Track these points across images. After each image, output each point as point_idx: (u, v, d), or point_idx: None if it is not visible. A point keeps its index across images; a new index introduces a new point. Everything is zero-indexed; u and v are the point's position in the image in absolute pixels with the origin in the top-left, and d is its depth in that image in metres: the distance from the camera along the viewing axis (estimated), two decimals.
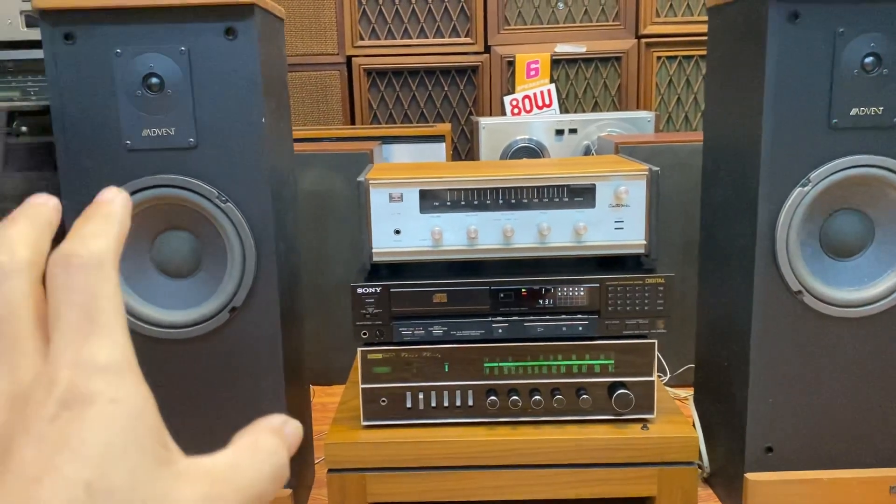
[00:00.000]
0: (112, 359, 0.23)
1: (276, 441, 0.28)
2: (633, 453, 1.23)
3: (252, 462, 0.27)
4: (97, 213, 0.26)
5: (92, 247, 0.24)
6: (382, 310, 1.24)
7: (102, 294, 0.24)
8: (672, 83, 2.44)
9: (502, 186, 1.27)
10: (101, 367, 0.23)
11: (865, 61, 1.12)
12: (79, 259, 0.24)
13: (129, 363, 0.24)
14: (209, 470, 0.26)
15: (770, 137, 1.14)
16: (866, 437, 1.23)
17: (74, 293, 0.23)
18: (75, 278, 0.23)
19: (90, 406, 0.22)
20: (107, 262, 0.24)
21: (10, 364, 0.24)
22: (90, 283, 0.24)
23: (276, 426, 0.29)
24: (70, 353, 0.23)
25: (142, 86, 1.12)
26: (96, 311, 0.23)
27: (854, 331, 1.20)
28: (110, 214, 0.26)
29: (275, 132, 1.21)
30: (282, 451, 0.28)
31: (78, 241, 0.24)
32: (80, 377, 0.22)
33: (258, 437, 0.28)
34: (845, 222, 1.19)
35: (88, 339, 0.23)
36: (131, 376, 0.23)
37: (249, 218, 1.15)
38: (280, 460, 0.28)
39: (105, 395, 0.22)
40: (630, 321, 1.24)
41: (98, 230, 0.25)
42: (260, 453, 0.27)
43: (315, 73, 2.50)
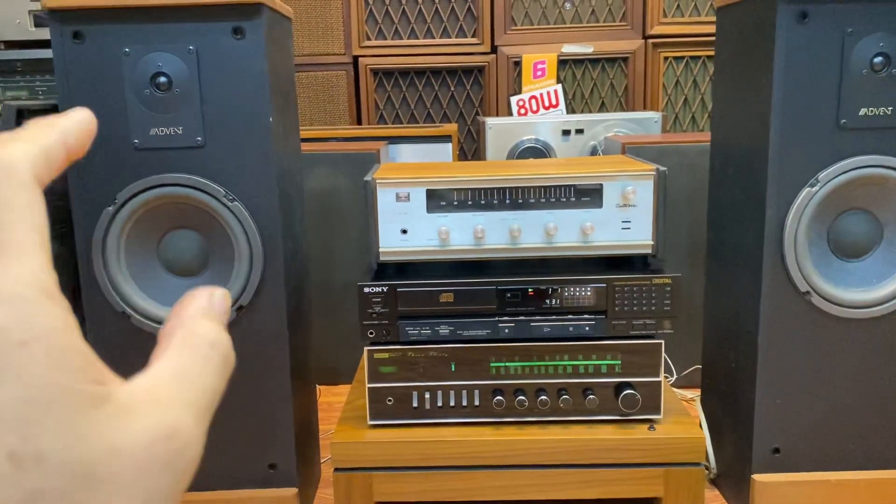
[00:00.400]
0: (18, 286, 0.19)
1: (214, 325, 0.24)
2: (639, 454, 1.23)
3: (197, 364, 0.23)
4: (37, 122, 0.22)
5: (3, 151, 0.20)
6: (389, 309, 1.24)
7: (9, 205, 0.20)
8: (679, 84, 2.43)
9: (509, 186, 1.27)
10: (6, 297, 0.19)
11: (874, 61, 1.12)
12: None
13: (44, 289, 0.19)
14: (152, 390, 0.22)
15: (778, 137, 1.14)
16: (875, 438, 1.23)
17: None
18: None
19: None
20: (21, 168, 0.20)
21: None
22: None
23: (205, 306, 0.24)
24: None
25: (150, 85, 1.12)
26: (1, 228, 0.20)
27: (863, 332, 1.19)
28: (52, 123, 0.23)
29: (282, 131, 1.21)
30: (223, 336, 0.24)
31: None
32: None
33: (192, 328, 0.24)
34: (854, 223, 1.18)
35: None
36: (45, 304, 0.19)
37: (257, 217, 1.15)
38: (224, 348, 0.24)
39: (13, 337, 0.18)
40: (637, 321, 1.24)
41: (25, 135, 0.22)
42: (202, 350, 0.23)
43: (322, 73, 2.50)
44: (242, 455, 1.23)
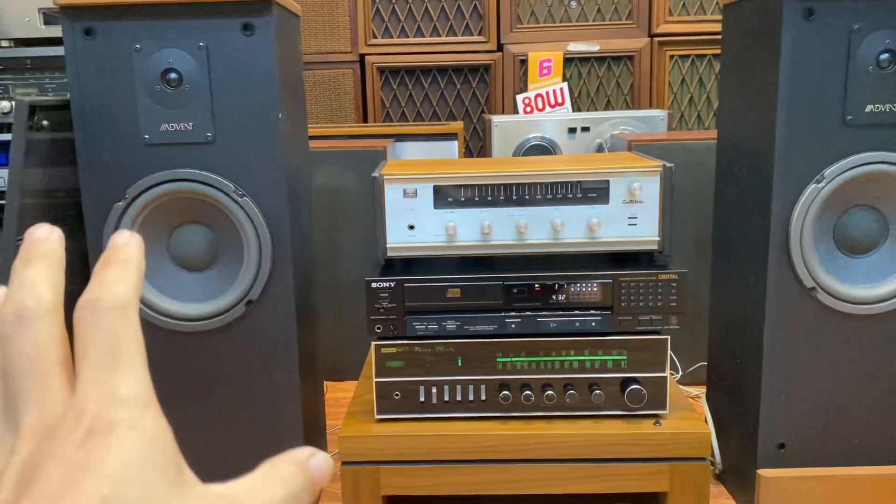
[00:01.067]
0: (133, 392, 0.25)
1: (294, 470, 0.28)
2: (645, 449, 1.23)
3: (265, 489, 0.27)
4: (116, 259, 0.27)
5: (115, 291, 0.26)
6: (396, 304, 1.25)
7: (125, 335, 0.26)
8: (685, 82, 2.44)
9: (516, 182, 1.27)
10: (123, 398, 0.25)
11: (881, 58, 1.12)
12: (104, 303, 0.26)
13: (149, 397, 0.25)
14: (221, 494, 0.26)
15: (784, 134, 1.14)
16: (880, 434, 1.23)
17: (100, 334, 0.25)
18: (101, 320, 0.26)
19: (112, 432, 0.24)
20: (129, 306, 0.26)
21: (39, 401, 0.25)
22: (114, 324, 0.26)
23: (301, 458, 0.29)
24: (96, 388, 0.25)
25: (160, 81, 1.13)
26: (119, 350, 0.25)
27: (868, 328, 1.20)
28: (129, 259, 0.28)
29: (291, 128, 1.22)
30: (298, 480, 0.28)
31: (102, 287, 0.26)
32: (104, 408, 0.24)
33: (277, 465, 0.28)
34: (859, 219, 1.19)
35: (112, 374, 0.25)
36: (150, 408, 0.25)
37: (265, 212, 1.16)
38: (295, 489, 0.28)
39: (125, 423, 0.24)
40: (643, 317, 1.25)
41: (119, 276, 0.27)
42: (275, 480, 0.28)
43: (328, 72, 2.51)
44: (250, 448, 1.24)
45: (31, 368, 0.26)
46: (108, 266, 0.27)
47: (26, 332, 0.26)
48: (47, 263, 0.28)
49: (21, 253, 0.28)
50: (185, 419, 1.23)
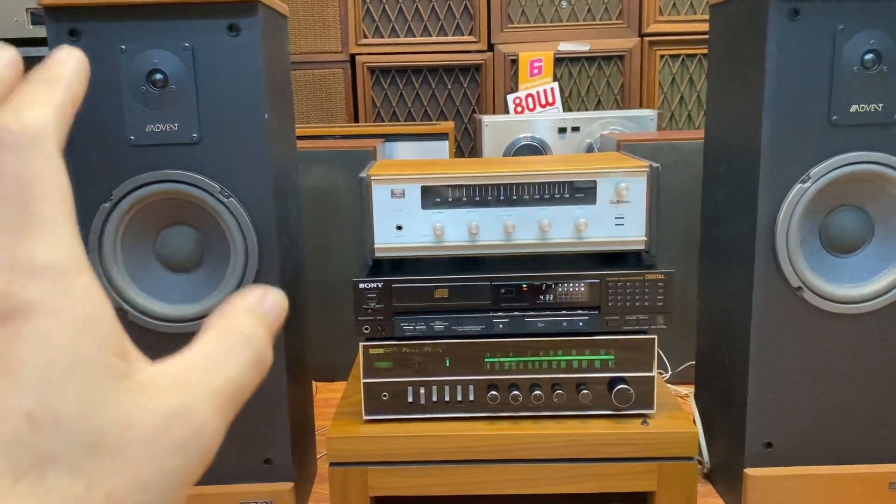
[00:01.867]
0: (52, 258, 0.19)
1: (253, 321, 0.24)
2: (633, 448, 1.24)
3: (226, 355, 0.23)
4: (41, 77, 0.21)
5: (27, 118, 0.20)
6: (384, 305, 1.25)
7: (40, 178, 0.19)
8: (675, 81, 2.44)
9: (503, 183, 1.28)
10: (39, 268, 0.19)
11: (865, 58, 1.13)
12: (10, 135, 0.19)
13: (75, 262, 0.20)
14: (176, 375, 0.22)
15: (770, 134, 1.15)
16: (866, 432, 1.24)
17: (4, 178, 0.19)
18: (5, 160, 0.19)
19: (29, 318, 0.18)
20: (45, 137, 0.20)
21: None
22: (23, 164, 0.19)
23: (253, 304, 0.24)
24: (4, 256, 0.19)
25: (146, 82, 1.13)
26: (31, 200, 0.19)
27: (854, 327, 1.20)
28: (56, 77, 0.21)
29: (277, 128, 1.22)
30: (260, 333, 0.24)
31: (10, 112, 0.20)
32: (14, 284, 0.19)
33: (232, 321, 0.23)
34: (845, 219, 1.19)
35: (22, 234, 0.19)
36: (78, 278, 0.20)
37: (252, 213, 1.16)
38: (259, 345, 0.23)
39: (44, 305, 0.19)
40: (630, 317, 1.25)
41: (39, 96, 0.21)
42: (234, 341, 0.23)
43: (319, 71, 2.50)
44: (239, 450, 1.24)
45: None
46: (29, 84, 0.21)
47: None
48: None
49: None
50: None
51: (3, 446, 0.18)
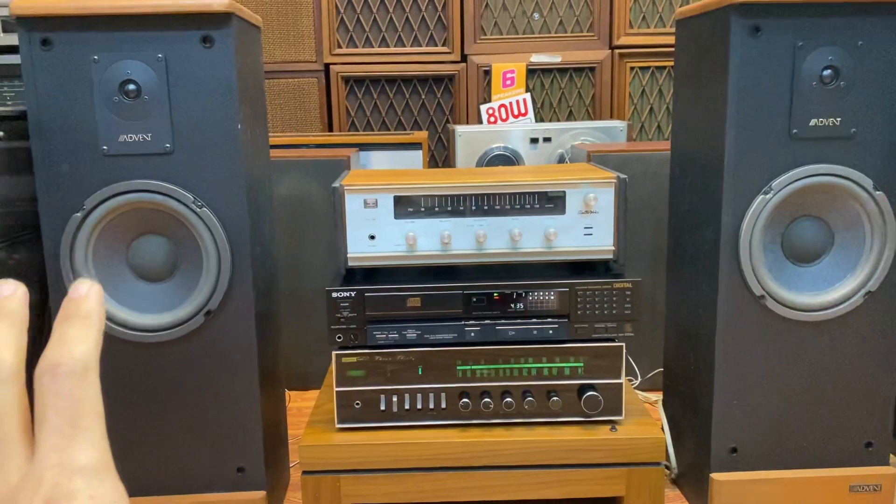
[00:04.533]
0: (92, 460, 0.25)
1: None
2: (601, 454, 1.26)
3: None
4: (77, 314, 0.27)
5: (76, 353, 0.26)
6: (357, 314, 1.26)
7: (85, 399, 0.26)
8: (645, 93, 2.48)
9: (475, 193, 1.30)
10: (82, 467, 0.25)
11: (823, 74, 1.16)
12: (65, 367, 0.26)
13: (107, 464, 0.26)
14: None
15: (733, 147, 1.18)
16: (827, 437, 1.27)
17: (60, 399, 0.26)
18: (62, 386, 0.26)
19: (72, 502, 0.24)
20: (90, 368, 0.26)
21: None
22: (75, 389, 0.26)
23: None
24: (55, 456, 0.25)
25: (119, 92, 1.13)
26: (79, 416, 0.26)
27: (815, 334, 1.24)
28: (89, 315, 0.28)
29: (251, 138, 1.23)
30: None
31: (63, 347, 0.26)
32: (63, 477, 0.25)
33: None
34: (806, 229, 1.23)
35: (71, 442, 0.25)
36: (108, 475, 0.26)
37: (225, 222, 1.16)
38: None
39: (85, 493, 0.25)
40: (599, 325, 1.27)
41: (80, 334, 0.27)
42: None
43: (293, 81, 2.51)
44: (211, 459, 1.24)
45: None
46: (68, 322, 0.27)
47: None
48: (10, 323, 0.27)
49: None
50: (145, 430, 1.22)
51: None
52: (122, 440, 1.22)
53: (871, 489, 1.27)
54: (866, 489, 1.27)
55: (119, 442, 1.25)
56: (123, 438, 1.22)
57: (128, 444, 1.22)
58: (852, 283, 1.22)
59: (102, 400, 0.27)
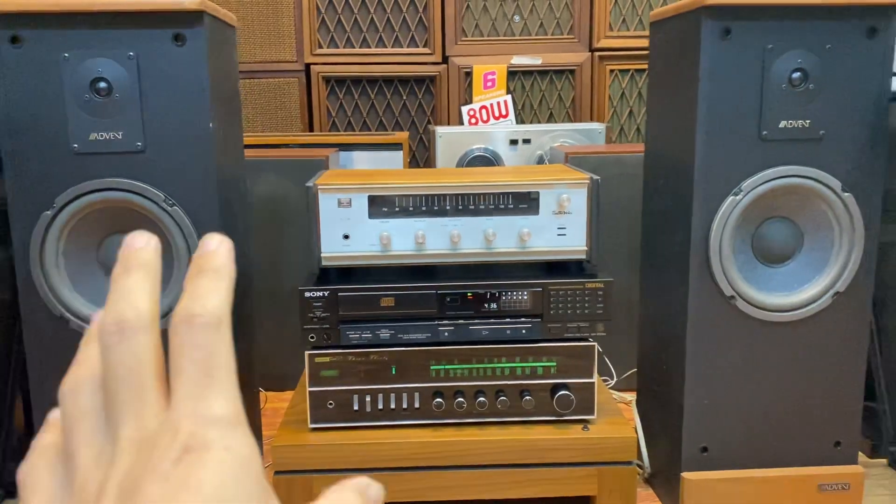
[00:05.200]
0: (226, 411, 0.26)
1: (356, 498, 0.29)
2: (573, 453, 1.26)
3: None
4: (209, 266, 0.28)
5: (210, 306, 0.27)
6: (330, 313, 1.26)
7: (219, 352, 0.26)
8: (625, 96, 2.50)
9: (449, 193, 1.30)
10: (217, 418, 0.25)
11: (793, 76, 1.18)
12: (201, 318, 0.26)
13: (240, 417, 0.26)
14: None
15: (703, 148, 1.19)
16: (796, 437, 1.28)
17: (196, 350, 0.26)
18: (197, 336, 0.26)
19: (207, 451, 0.25)
20: (224, 321, 0.27)
21: (136, 413, 0.26)
22: (209, 341, 0.26)
23: (361, 486, 0.30)
24: (191, 405, 0.26)
25: (90, 90, 1.13)
26: (214, 368, 0.26)
27: (784, 334, 1.25)
28: (220, 269, 0.28)
29: (224, 138, 1.23)
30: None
31: (198, 300, 0.27)
32: (199, 426, 0.25)
33: (342, 495, 0.29)
34: (776, 230, 1.24)
35: (206, 392, 0.26)
36: (241, 429, 0.26)
37: (197, 222, 1.16)
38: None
39: (220, 443, 0.25)
40: (571, 324, 1.28)
41: (213, 287, 0.27)
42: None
43: (274, 80, 2.51)
44: None
45: (130, 380, 0.26)
46: (201, 275, 0.28)
47: (127, 343, 0.27)
48: (146, 273, 0.28)
49: (120, 261, 0.29)
50: None
51: None
52: None
53: (840, 488, 1.28)
54: (835, 488, 1.28)
55: None
56: None
57: None
58: (821, 283, 1.23)
59: None
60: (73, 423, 0.28)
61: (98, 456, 0.26)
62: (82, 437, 0.27)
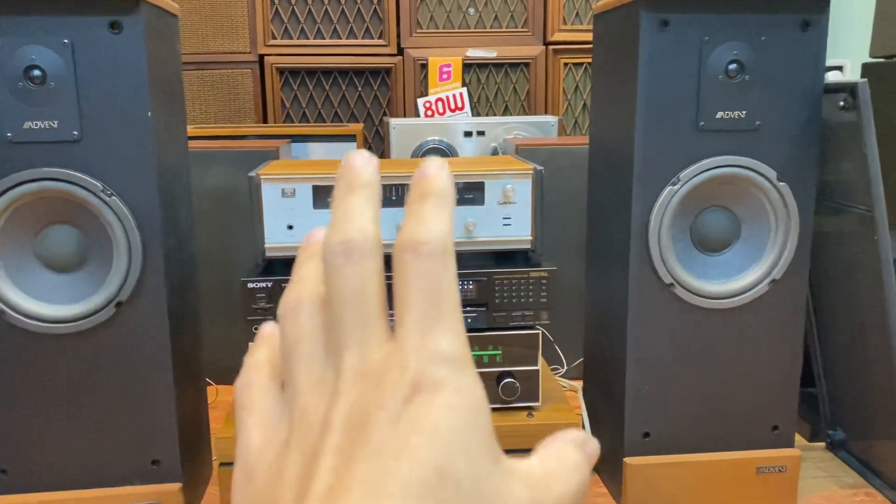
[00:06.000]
0: (455, 350, 0.24)
1: (581, 457, 0.28)
2: (518, 440, 1.28)
3: (562, 474, 0.27)
4: (432, 193, 0.26)
5: (435, 233, 0.25)
6: (274, 304, 1.26)
7: (446, 283, 0.25)
8: (578, 89, 2.52)
9: (395, 184, 1.30)
10: (447, 356, 0.24)
11: (729, 68, 1.20)
12: (427, 246, 0.25)
13: (468, 357, 0.25)
14: (529, 474, 0.26)
15: (642, 139, 1.21)
16: (735, 421, 1.31)
17: (423, 280, 0.24)
18: (424, 265, 0.25)
19: (438, 392, 0.23)
20: (449, 250, 0.25)
21: (360, 341, 0.25)
22: (436, 271, 0.25)
23: (580, 441, 0.29)
24: (418, 340, 0.24)
25: (23, 78, 1.11)
26: (441, 300, 0.24)
27: (722, 321, 1.27)
28: (443, 194, 0.26)
29: (164, 127, 1.21)
30: (585, 468, 0.28)
31: (422, 225, 0.25)
32: (429, 363, 0.23)
33: (563, 449, 0.28)
34: (714, 219, 1.26)
35: (434, 327, 0.24)
36: (470, 369, 0.24)
37: (136, 212, 1.15)
38: (584, 476, 0.27)
39: (451, 384, 0.23)
40: (516, 313, 1.29)
41: (437, 213, 0.26)
42: (568, 466, 0.27)
43: (227, 72, 2.48)
44: (125, 451, 1.22)
45: (355, 305, 0.25)
46: (424, 200, 0.26)
47: (353, 265, 0.25)
48: (368, 194, 0.27)
49: (341, 179, 0.27)
50: (55, 423, 1.20)
51: (417, 490, 0.21)
52: (31, 433, 1.20)
53: (777, 470, 1.31)
54: (772, 470, 1.31)
55: (29, 435, 1.21)
56: (33, 431, 1.20)
57: (38, 436, 1.20)
58: (758, 271, 1.26)
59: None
60: (293, 343, 0.26)
61: (319, 382, 0.25)
62: (303, 359, 0.26)
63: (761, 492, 1.31)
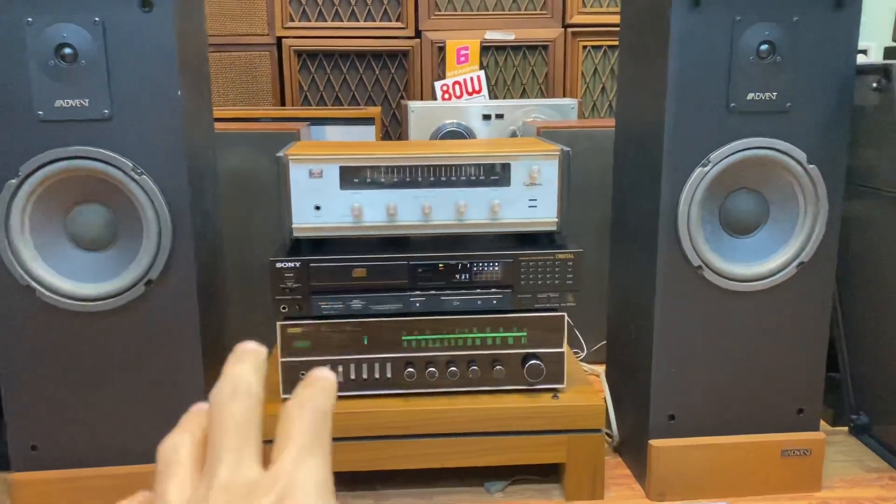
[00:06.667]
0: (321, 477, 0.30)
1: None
2: (543, 421, 1.28)
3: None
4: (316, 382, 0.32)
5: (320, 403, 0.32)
6: (302, 284, 1.26)
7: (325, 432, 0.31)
8: (597, 72, 2.50)
9: (421, 164, 1.30)
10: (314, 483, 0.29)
11: (761, 49, 1.19)
12: (311, 404, 0.31)
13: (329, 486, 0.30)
14: None
15: (672, 120, 1.20)
16: (760, 404, 1.31)
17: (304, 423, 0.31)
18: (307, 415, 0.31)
19: None
20: (329, 415, 0.32)
21: (235, 461, 0.29)
22: (317, 423, 0.31)
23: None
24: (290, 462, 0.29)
25: (55, 56, 1.11)
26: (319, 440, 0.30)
27: (750, 304, 1.27)
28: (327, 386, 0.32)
29: (192, 106, 1.21)
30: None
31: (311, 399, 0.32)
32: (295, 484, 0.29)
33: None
34: (742, 201, 1.26)
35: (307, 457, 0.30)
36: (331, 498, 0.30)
37: (165, 191, 1.15)
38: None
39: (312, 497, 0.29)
40: (542, 295, 1.29)
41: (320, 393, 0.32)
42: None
43: (245, 54, 2.48)
44: (153, 428, 1.23)
45: (235, 431, 0.30)
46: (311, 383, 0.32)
47: (237, 402, 0.31)
48: (255, 365, 0.32)
49: (232, 355, 0.33)
50: (84, 402, 1.21)
51: None
52: (60, 410, 1.21)
53: (802, 453, 1.31)
54: (797, 453, 1.31)
55: (58, 412, 1.22)
56: (62, 408, 1.20)
57: (67, 414, 1.21)
58: (786, 254, 1.26)
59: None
60: (167, 468, 0.30)
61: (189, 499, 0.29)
62: (176, 481, 0.30)
63: (786, 475, 1.31)
